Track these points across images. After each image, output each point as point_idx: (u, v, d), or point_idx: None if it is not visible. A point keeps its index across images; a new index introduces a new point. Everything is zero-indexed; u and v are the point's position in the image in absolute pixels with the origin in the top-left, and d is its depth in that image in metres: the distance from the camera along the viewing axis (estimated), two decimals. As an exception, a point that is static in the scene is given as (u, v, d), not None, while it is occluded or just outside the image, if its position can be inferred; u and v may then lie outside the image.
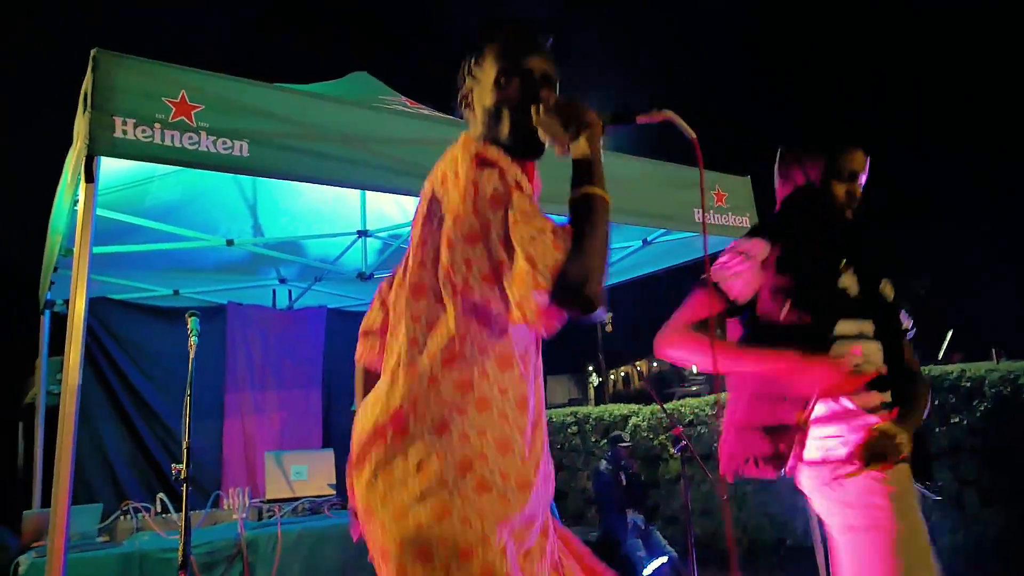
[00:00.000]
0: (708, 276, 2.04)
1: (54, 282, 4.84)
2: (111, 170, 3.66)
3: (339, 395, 5.84)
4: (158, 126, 2.55)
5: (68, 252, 3.72)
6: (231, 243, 4.48)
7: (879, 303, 2.08)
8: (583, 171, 1.36)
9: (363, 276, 4.72)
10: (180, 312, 5.78)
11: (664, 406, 4.94)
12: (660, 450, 6.88)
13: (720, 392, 1.95)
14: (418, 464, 1.31)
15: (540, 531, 1.44)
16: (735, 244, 2.12)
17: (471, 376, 1.36)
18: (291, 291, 6.06)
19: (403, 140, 3.10)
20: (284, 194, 4.68)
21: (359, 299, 6.34)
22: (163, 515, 3.76)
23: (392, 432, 1.35)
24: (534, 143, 1.47)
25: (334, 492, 4.14)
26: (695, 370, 22.71)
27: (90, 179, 2.46)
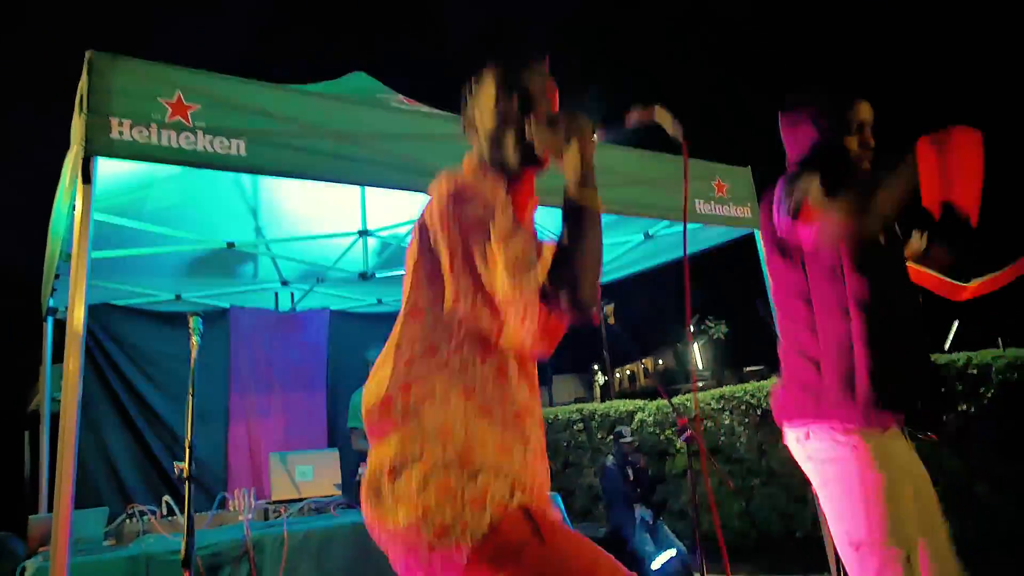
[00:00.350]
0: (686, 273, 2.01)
1: (56, 289, 4.84)
2: (110, 174, 3.66)
3: (343, 396, 5.82)
4: (154, 126, 2.55)
5: (68, 257, 3.73)
6: (232, 246, 4.48)
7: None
8: (575, 179, 1.41)
9: (364, 276, 4.72)
10: (183, 316, 5.79)
11: (670, 400, 4.92)
12: (667, 445, 6.86)
13: (723, 387, 1.96)
14: (415, 456, 1.35)
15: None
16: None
17: (471, 390, 1.41)
18: (293, 293, 6.06)
19: (401, 136, 3.09)
20: (284, 196, 4.68)
21: (361, 300, 6.33)
22: (169, 517, 3.76)
23: (388, 438, 1.40)
24: (532, 157, 1.52)
25: (340, 492, 4.12)
26: (700, 367, 22.64)
27: (87, 180, 2.46)
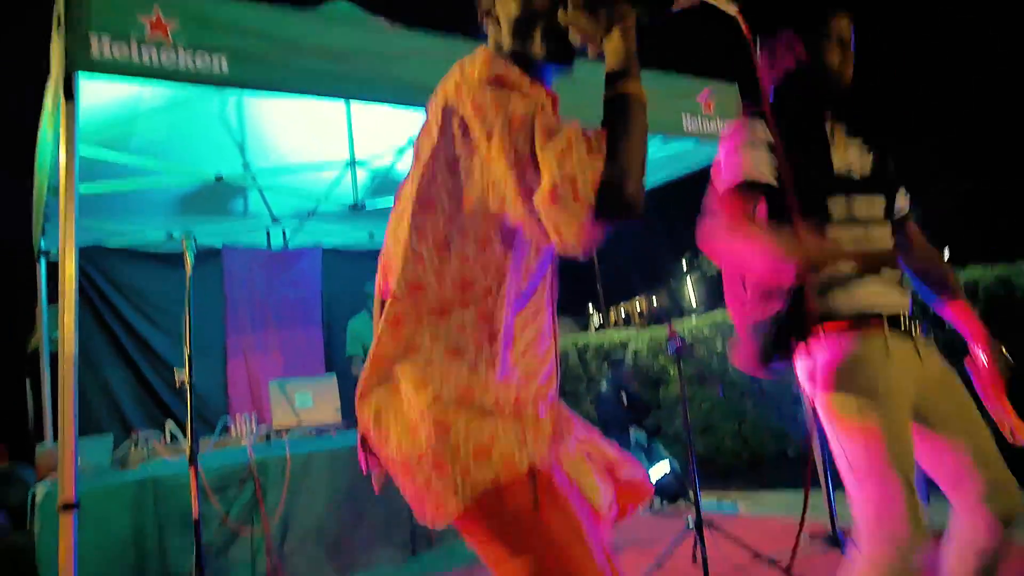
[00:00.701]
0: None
1: (46, 230, 4.84)
2: (94, 106, 3.63)
3: (339, 331, 5.89)
4: (135, 43, 2.53)
5: (56, 191, 3.71)
6: (220, 179, 4.46)
7: (888, 178, 1.97)
8: (618, 67, 1.26)
9: (356, 207, 4.71)
10: (175, 256, 5.81)
11: (660, 307, 4.98)
12: (661, 372, 6.97)
13: (715, 312, 1.91)
14: (416, 384, 1.27)
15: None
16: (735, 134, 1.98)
17: (481, 303, 1.30)
18: (284, 231, 6.06)
19: (385, 52, 3.07)
20: (271, 129, 4.65)
21: (353, 235, 6.35)
22: (172, 443, 3.83)
23: (392, 357, 1.31)
24: (565, 48, 1.36)
25: (340, 417, 4.19)
26: (693, 304, 22.79)
27: (70, 97, 2.45)
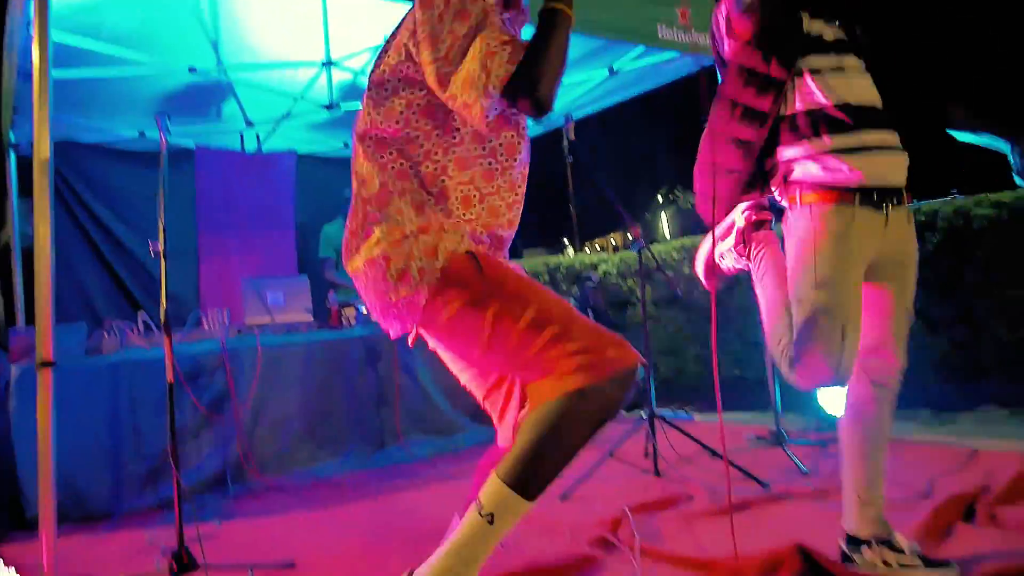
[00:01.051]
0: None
1: (16, 122, 4.76)
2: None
3: (312, 235, 5.92)
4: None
5: (28, 77, 3.64)
6: (193, 71, 4.40)
7: (860, 43, 2.00)
8: None
9: (330, 107, 4.69)
10: (148, 155, 5.76)
11: (622, 211, 5.03)
12: (629, 295, 7.10)
13: (683, 238, 1.98)
14: (381, 235, 1.51)
15: None
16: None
17: (429, 167, 1.53)
18: (259, 135, 6.00)
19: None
20: (244, 26, 4.56)
21: (327, 143, 6.31)
22: (146, 335, 3.88)
23: (364, 223, 1.55)
24: None
25: (311, 317, 4.27)
26: (667, 236, 22.97)
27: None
